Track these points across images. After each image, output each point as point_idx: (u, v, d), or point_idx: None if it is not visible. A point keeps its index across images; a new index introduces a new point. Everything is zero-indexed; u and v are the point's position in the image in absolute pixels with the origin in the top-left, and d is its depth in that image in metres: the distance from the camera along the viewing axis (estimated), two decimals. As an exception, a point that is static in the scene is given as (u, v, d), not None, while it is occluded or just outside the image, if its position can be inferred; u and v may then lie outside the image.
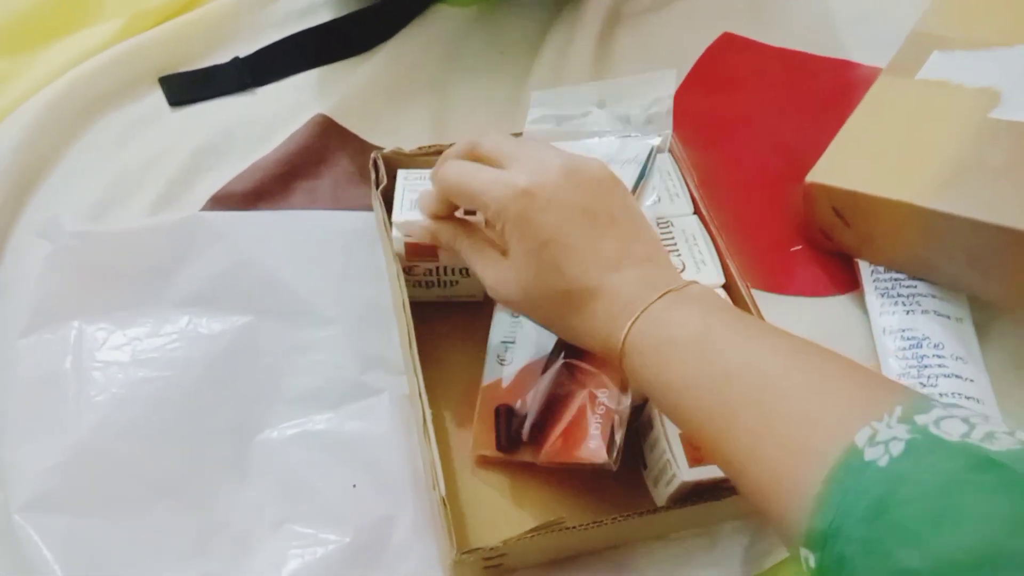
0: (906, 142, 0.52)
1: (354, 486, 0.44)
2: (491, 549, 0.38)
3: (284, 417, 0.47)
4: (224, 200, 0.56)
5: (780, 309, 0.49)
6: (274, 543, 0.43)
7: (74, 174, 0.57)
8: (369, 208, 0.55)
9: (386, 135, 0.60)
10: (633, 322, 0.36)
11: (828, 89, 0.65)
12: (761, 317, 0.46)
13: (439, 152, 0.49)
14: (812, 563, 0.28)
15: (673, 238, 0.49)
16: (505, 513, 0.44)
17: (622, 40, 0.67)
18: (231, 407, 0.46)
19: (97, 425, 0.44)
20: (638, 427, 0.45)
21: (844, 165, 0.52)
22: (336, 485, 0.44)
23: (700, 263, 0.48)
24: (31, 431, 0.44)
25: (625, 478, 0.45)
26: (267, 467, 0.45)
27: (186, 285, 0.50)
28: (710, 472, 0.40)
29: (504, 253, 0.40)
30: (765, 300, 0.47)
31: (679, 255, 0.48)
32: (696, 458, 0.40)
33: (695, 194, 0.51)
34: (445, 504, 0.39)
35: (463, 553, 0.38)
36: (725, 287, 0.48)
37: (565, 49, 0.65)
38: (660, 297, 0.36)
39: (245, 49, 0.65)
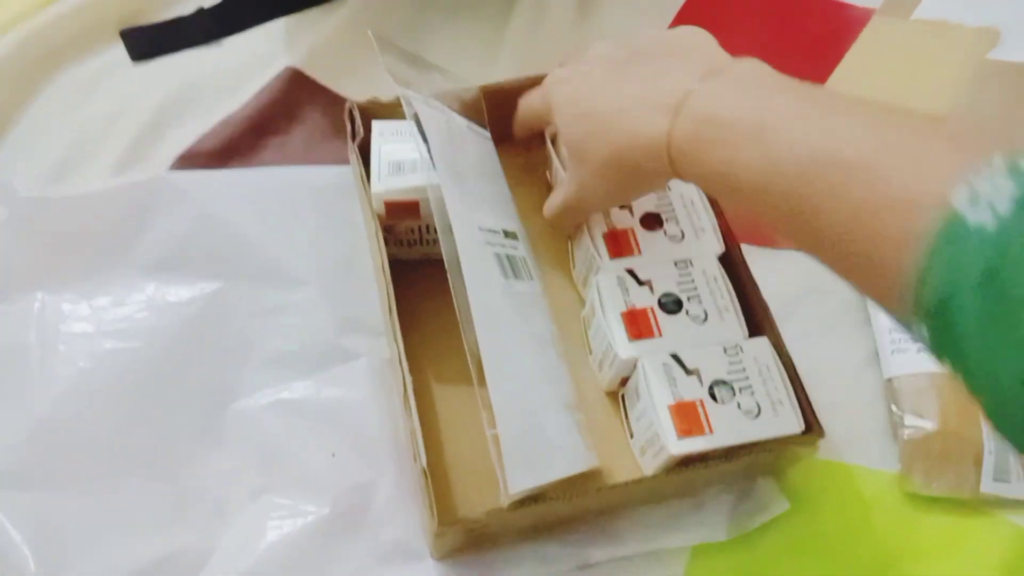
0: (901, 85, 0.50)
1: (333, 455, 0.43)
2: (473, 521, 0.37)
3: (259, 385, 0.45)
4: (192, 158, 0.54)
5: (769, 263, 0.47)
6: (251, 514, 0.42)
7: (31, 134, 0.55)
8: (342, 163, 0.53)
9: (359, 86, 0.57)
10: (677, 115, 0.34)
11: (819, 31, 0.62)
12: (751, 278, 0.44)
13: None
14: (926, 335, 0.26)
15: (671, 203, 0.47)
16: (490, 479, 0.43)
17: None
18: (203, 376, 0.45)
19: (64, 398, 0.43)
20: (624, 396, 0.44)
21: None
22: (314, 454, 0.43)
23: (700, 230, 0.46)
24: (-5, 406, 0.43)
25: (612, 445, 0.44)
26: (242, 436, 0.44)
27: (152, 250, 0.48)
28: (698, 444, 0.39)
29: None
30: (757, 254, 0.46)
31: (677, 222, 0.46)
32: (685, 429, 0.39)
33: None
34: (427, 475, 0.38)
35: (444, 526, 0.37)
36: (723, 256, 0.46)
37: (545, -7, 0.62)
38: (703, 78, 0.34)
39: (209, -2, 0.61)
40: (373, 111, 0.49)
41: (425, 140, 0.42)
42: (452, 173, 0.42)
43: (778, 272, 0.48)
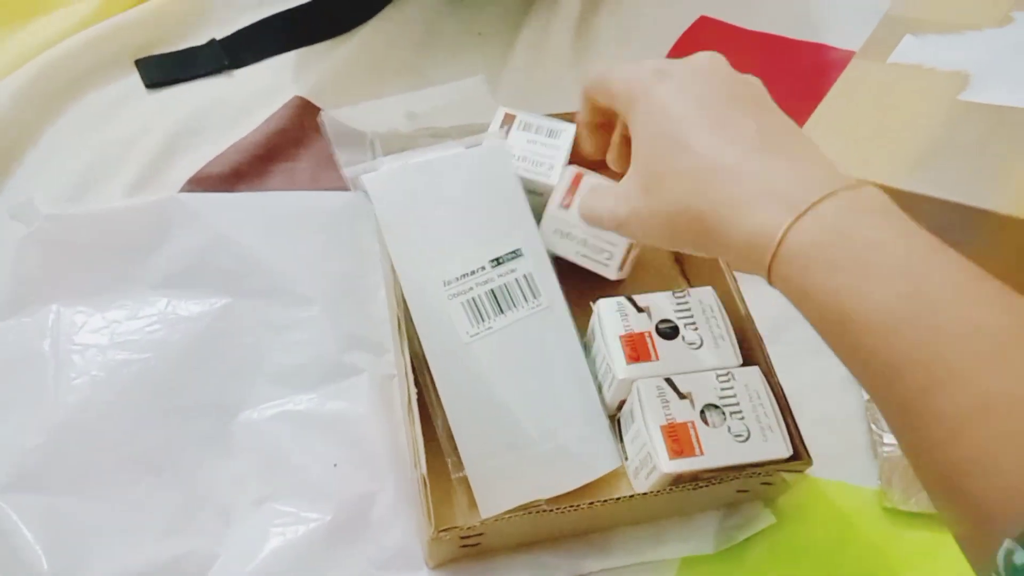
0: (878, 124, 0.53)
1: (335, 465, 0.45)
2: (468, 528, 0.39)
3: (265, 397, 0.47)
4: (202, 182, 0.56)
5: (757, 285, 0.49)
6: (255, 521, 0.43)
7: (50, 157, 0.57)
8: (347, 189, 0.55)
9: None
10: (798, 218, 0.29)
11: (804, 72, 0.65)
12: (746, 309, 0.46)
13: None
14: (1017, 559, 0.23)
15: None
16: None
17: (601, 22, 0.67)
18: (211, 388, 0.47)
19: (76, 407, 0.44)
20: (620, 420, 0.46)
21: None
22: (317, 464, 0.45)
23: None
24: (9, 414, 0.44)
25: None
26: (248, 446, 0.45)
27: (164, 267, 0.50)
28: (690, 464, 0.40)
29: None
30: (744, 279, 0.48)
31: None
32: (676, 450, 0.41)
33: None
34: (425, 482, 0.39)
35: (440, 531, 0.38)
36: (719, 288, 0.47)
37: (544, 30, 0.65)
38: (831, 195, 0.29)
39: (222, 31, 0.64)
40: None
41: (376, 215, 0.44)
42: (409, 238, 0.44)
43: (764, 296, 0.49)
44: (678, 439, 0.41)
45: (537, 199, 0.49)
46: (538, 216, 0.48)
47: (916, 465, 0.28)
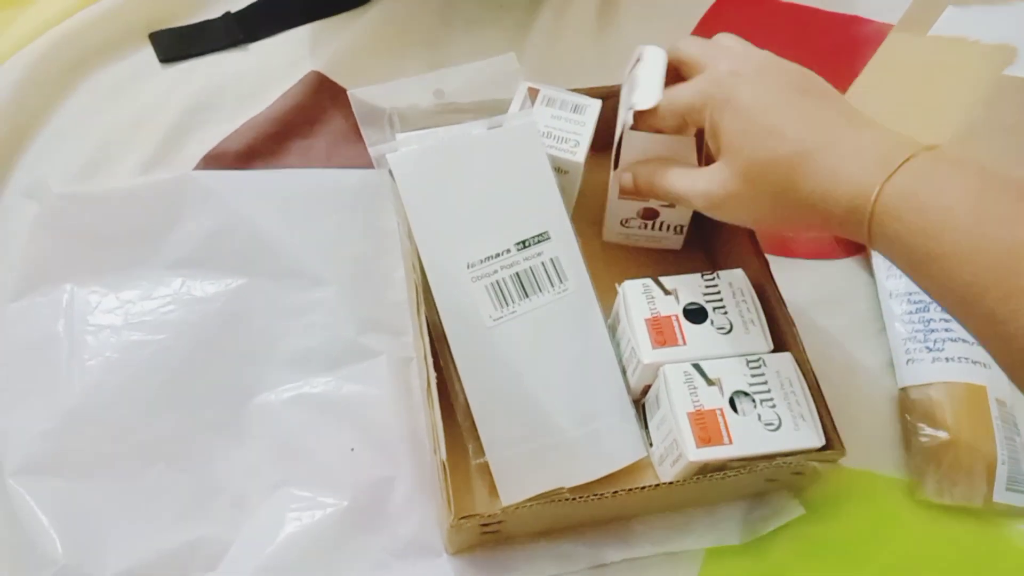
0: (917, 101, 0.51)
1: (352, 449, 0.44)
2: (489, 516, 0.38)
3: (281, 380, 0.46)
4: (217, 159, 0.55)
5: (787, 272, 0.48)
6: (271, 505, 0.43)
7: (63, 134, 0.56)
8: (364, 166, 0.54)
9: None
10: (889, 177, 0.33)
11: (837, 46, 0.63)
12: (778, 293, 0.45)
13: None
14: None
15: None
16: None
17: (625, -7, 0.65)
18: (226, 370, 0.46)
19: (91, 389, 0.44)
20: (645, 405, 0.45)
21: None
22: (334, 448, 0.44)
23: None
24: (24, 396, 0.44)
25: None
26: (264, 430, 0.45)
27: (179, 246, 0.49)
28: (718, 453, 0.39)
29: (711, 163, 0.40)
30: (775, 264, 0.46)
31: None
32: (704, 438, 0.39)
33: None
34: (445, 468, 0.38)
35: (460, 519, 0.37)
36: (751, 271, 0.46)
37: (567, 2, 0.63)
38: (914, 156, 0.33)
39: (236, 4, 0.63)
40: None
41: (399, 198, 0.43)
42: (433, 219, 0.43)
43: (795, 281, 0.48)
44: (706, 427, 0.40)
45: (563, 177, 0.47)
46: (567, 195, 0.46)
47: (1010, 373, 0.32)
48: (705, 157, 0.44)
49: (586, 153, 0.47)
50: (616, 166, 0.46)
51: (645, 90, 0.43)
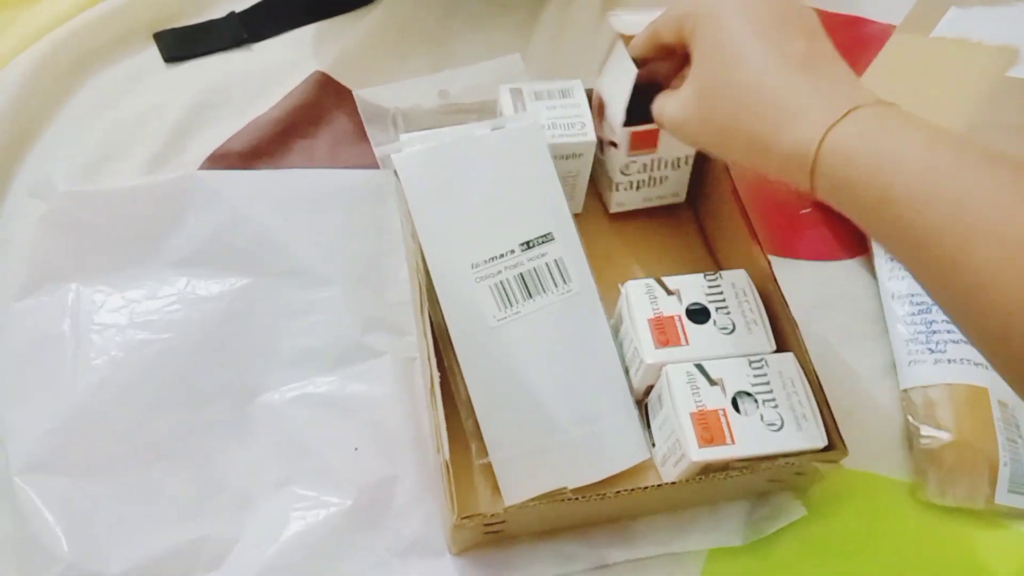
0: (920, 102, 0.51)
1: (356, 449, 0.44)
2: (491, 515, 0.38)
3: (285, 379, 0.46)
4: (221, 159, 0.55)
5: (789, 273, 0.48)
6: (275, 504, 0.43)
7: (68, 133, 0.56)
8: (367, 166, 0.54)
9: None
10: (838, 122, 0.33)
11: (839, 47, 0.62)
12: (780, 293, 0.45)
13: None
14: None
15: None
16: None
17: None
18: (230, 369, 0.46)
19: (96, 387, 0.44)
20: (647, 405, 0.45)
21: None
22: (338, 447, 0.44)
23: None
24: (30, 394, 0.44)
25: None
26: (268, 429, 0.45)
27: (184, 246, 0.49)
28: (720, 453, 0.39)
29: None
30: (776, 264, 0.46)
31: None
32: (706, 438, 0.40)
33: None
34: (448, 468, 0.39)
35: (463, 518, 0.38)
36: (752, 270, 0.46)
37: (571, 1, 0.63)
38: (866, 105, 0.33)
39: (241, 3, 0.63)
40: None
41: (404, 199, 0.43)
42: (438, 219, 0.43)
43: (798, 282, 0.48)
44: (708, 427, 0.40)
45: (575, 161, 0.47)
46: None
47: (958, 321, 0.31)
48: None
49: (593, 129, 0.48)
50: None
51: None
